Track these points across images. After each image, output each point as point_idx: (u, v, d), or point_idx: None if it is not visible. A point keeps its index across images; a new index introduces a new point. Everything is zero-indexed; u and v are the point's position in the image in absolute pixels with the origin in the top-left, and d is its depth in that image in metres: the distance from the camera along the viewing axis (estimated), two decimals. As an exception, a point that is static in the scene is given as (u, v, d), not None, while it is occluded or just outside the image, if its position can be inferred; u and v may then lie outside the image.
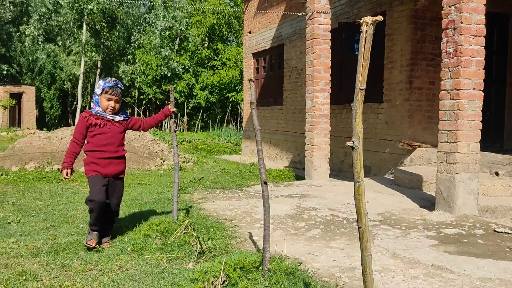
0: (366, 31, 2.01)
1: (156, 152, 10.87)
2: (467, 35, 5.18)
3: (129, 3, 31.76)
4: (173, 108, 4.56)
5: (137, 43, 35.21)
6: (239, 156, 14.37)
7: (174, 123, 4.87)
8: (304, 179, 8.31)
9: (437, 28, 7.52)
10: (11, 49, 35.13)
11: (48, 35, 35.08)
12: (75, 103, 35.69)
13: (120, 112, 4.17)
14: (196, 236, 3.86)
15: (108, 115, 4.06)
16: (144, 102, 34.69)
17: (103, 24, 32.73)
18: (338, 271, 3.45)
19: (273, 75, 13.41)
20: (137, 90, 35.55)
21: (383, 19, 2.13)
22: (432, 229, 4.71)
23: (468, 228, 4.71)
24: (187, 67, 33.59)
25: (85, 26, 30.39)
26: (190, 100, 33.73)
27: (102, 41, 33.96)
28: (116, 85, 4.04)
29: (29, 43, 33.15)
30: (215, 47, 35.49)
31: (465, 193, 5.25)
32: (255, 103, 3.22)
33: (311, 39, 8.09)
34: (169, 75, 32.88)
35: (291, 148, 12.13)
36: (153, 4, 33.87)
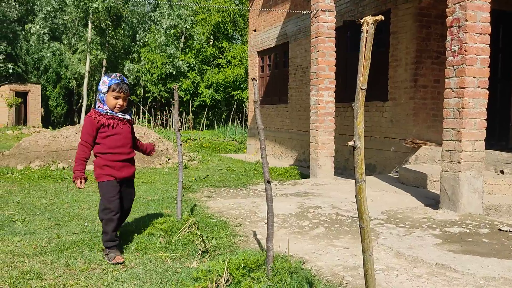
0: (367, 31, 2.01)
1: (161, 150, 10.89)
2: (471, 33, 5.15)
3: (134, 1, 31.83)
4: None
5: (142, 41, 35.34)
6: (244, 155, 14.38)
7: (178, 121, 4.87)
8: (309, 177, 8.31)
9: (442, 26, 7.49)
10: (16, 47, 35.33)
11: (54, 33, 35.27)
12: (80, 101, 35.84)
13: (128, 110, 3.88)
14: (200, 235, 3.87)
15: (119, 114, 3.74)
16: (150, 100, 34.78)
17: (108, 22, 32.81)
18: (342, 270, 3.45)
19: (278, 73, 13.40)
20: (142, 89, 35.66)
21: (386, 18, 2.13)
22: (437, 227, 4.69)
23: (472, 227, 4.70)
24: (192, 65, 33.66)
25: (90, 25, 30.47)
26: (195, 98, 33.80)
27: (107, 39, 34.07)
28: (122, 81, 3.72)
29: (34, 41, 33.37)
30: (220, 45, 35.52)
31: (470, 191, 5.23)
32: (258, 102, 3.22)
33: (315, 37, 8.08)
34: (174, 73, 32.97)
35: (296, 146, 12.12)
36: (158, 2, 33.92)
